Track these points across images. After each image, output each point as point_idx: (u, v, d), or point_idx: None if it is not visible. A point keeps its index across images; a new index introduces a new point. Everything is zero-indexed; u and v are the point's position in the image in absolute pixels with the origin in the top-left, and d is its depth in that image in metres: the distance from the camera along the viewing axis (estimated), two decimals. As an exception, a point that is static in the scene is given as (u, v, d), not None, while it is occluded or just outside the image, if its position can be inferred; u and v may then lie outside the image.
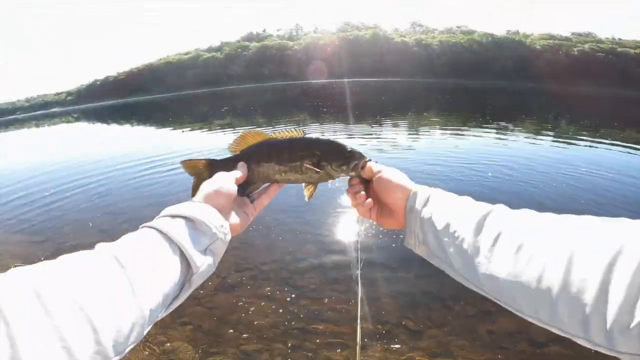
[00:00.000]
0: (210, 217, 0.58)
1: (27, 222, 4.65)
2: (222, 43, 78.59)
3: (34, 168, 8.09)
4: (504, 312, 2.41)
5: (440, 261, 0.59)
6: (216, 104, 26.51)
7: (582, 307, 0.36)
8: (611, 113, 16.56)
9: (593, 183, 5.06)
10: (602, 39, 54.71)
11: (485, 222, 0.52)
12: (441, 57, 59.61)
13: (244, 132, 0.78)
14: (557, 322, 0.39)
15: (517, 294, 0.44)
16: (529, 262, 0.43)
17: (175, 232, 0.52)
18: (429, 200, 0.63)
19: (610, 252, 0.36)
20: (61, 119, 34.95)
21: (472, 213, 0.55)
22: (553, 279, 0.39)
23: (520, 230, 0.47)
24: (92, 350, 0.36)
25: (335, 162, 0.75)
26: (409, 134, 9.75)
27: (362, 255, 3.24)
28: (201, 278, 0.54)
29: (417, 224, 0.63)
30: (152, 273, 0.47)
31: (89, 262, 0.44)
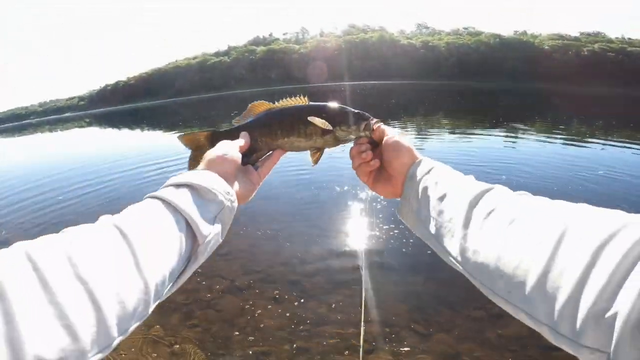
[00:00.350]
0: (215, 183, 0.55)
1: (42, 225, 4.76)
2: (229, 47, 79.46)
3: (48, 171, 8.27)
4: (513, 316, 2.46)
5: (427, 233, 0.58)
6: (225, 108, 26.77)
7: (559, 290, 0.34)
8: (625, 113, 16.25)
9: (608, 184, 4.99)
10: (612, 39, 53.87)
11: (482, 197, 0.51)
12: (448, 59, 59.32)
13: (251, 103, 0.78)
14: (528, 306, 0.38)
15: (495, 271, 0.42)
16: (516, 239, 0.41)
17: (179, 200, 0.49)
18: (431, 171, 0.62)
19: (602, 235, 0.34)
20: (74, 124, 35.64)
21: (471, 188, 0.53)
22: (537, 257, 0.37)
23: (516, 208, 0.45)
24: (94, 329, 0.33)
25: (343, 124, 0.73)
26: (420, 135, 9.71)
27: (372, 258, 3.24)
28: (208, 249, 0.51)
29: (413, 193, 0.62)
30: (156, 244, 0.44)
31: (90, 233, 0.41)
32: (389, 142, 0.69)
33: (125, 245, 0.41)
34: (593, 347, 0.31)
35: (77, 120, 43.14)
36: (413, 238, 3.58)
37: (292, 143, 0.76)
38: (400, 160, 0.66)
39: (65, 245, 0.37)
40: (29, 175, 8.13)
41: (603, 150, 7.66)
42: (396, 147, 0.68)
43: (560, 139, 8.95)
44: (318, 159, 0.77)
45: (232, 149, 0.65)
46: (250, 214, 4.47)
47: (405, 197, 0.64)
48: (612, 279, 0.30)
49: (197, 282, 3.01)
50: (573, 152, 7.44)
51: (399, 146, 0.68)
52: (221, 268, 3.25)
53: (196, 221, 0.49)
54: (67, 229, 0.41)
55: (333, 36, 74.76)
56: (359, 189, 4.98)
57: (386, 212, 4.15)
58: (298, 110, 0.76)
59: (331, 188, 5.17)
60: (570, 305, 0.33)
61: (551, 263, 0.36)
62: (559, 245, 0.36)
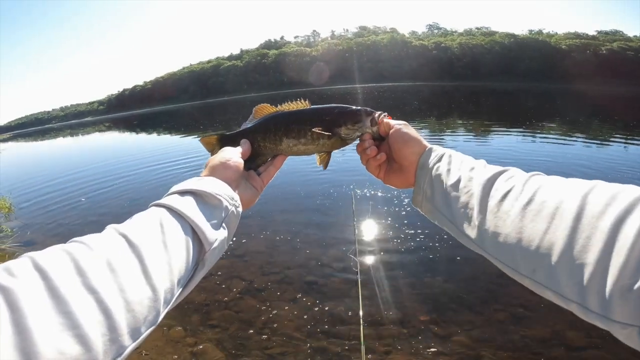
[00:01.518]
0: (219, 189, 0.56)
1: (65, 226, 4.93)
2: (242, 51, 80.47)
3: (72, 175, 8.56)
4: (537, 318, 2.37)
5: (444, 219, 0.57)
6: (239, 112, 27.08)
7: (584, 266, 0.34)
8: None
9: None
10: (631, 37, 52.28)
11: (497, 179, 0.51)
12: (462, 60, 58.52)
13: (256, 107, 0.78)
14: (554, 284, 0.37)
15: (517, 250, 0.42)
16: (535, 216, 0.41)
17: (184, 207, 0.50)
18: (442, 158, 0.62)
19: (622, 205, 0.33)
20: (94, 128, 36.67)
21: (485, 171, 0.53)
22: (558, 233, 0.37)
23: (532, 187, 0.45)
24: (106, 338, 0.33)
25: (348, 122, 0.71)
26: (444, 136, 9.61)
27: (389, 259, 3.24)
28: (215, 255, 0.52)
29: (426, 180, 0.62)
30: (163, 252, 0.44)
31: (97, 242, 0.40)
32: (396, 134, 0.69)
33: (133, 254, 0.41)
34: (623, 322, 0.30)
35: (97, 125, 44.43)
36: (431, 239, 3.56)
37: (296, 147, 0.74)
38: (409, 150, 0.66)
39: (73, 255, 0.37)
40: (51, 178, 8.41)
41: (626, 149, 7.45)
42: (404, 137, 0.68)
43: (581, 139, 8.72)
44: (327, 161, 0.75)
45: (234, 155, 0.66)
46: (269, 217, 4.52)
47: (419, 186, 0.64)
48: (632, 252, 0.30)
49: (216, 283, 3.07)
50: (595, 152, 7.24)
51: (407, 137, 0.68)
52: (240, 269, 3.30)
53: (202, 227, 0.49)
54: (74, 239, 0.40)
55: (344, 38, 74.84)
56: (375, 190, 4.97)
57: (404, 212, 4.13)
58: (300, 114, 0.74)
59: (349, 189, 5.17)
60: (596, 281, 0.32)
61: (573, 239, 0.35)
62: (578, 221, 0.36)
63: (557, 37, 57.49)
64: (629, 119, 12.49)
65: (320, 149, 0.74)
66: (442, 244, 3.45)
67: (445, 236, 3.56)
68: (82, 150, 17.56)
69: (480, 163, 0.58)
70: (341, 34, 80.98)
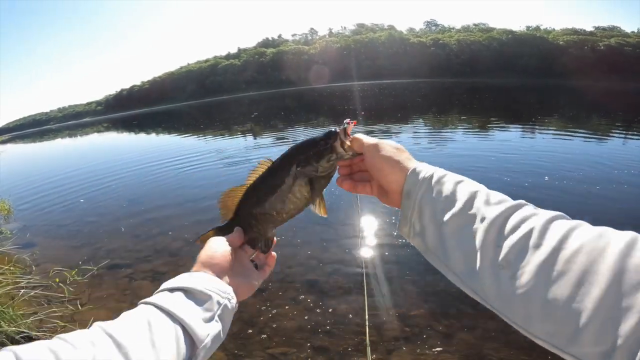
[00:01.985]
0: (208, 284, 0.55)
1: (65, 227, 4.91)
2: (240, 49, 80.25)
3: (70, 176, 8.54)
4: None
5: (438, 261, 0.51)
6: (237, 111, 27.05)
7: (615, 336, 0.31)
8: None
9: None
10: (629, 33, 52.37)
11: (509, 219, 0.44)
12: (460, 56, 58.52)
13: (221, 195, 0.72)
14: (575, 349, 0.34)
15: (533, 313, 0.38)
16: (559, 279, 0.36)
17: (173, 306, 0.49)
18: (431, 183, 0.53)
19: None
20: (92, 129, 36.58)
21: (492, 208, 0.46)
22: (587, 303, 0.33)
23: (554, 237, 0.39)
24: None
25: (318, 158, 0.63)
26: (441, 134, 9.61)
27: (389, 257, 3.23)
28: (209, 350, 0.50)
29: (414, 213, 0.54)
30: (151, 350, 0.43)
31: (82, 341, 0.40)
32: (369, 162, 0.61)
33: (119, 354, 0.40)
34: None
35: (95, 125, 44.30)
36: None
37: (286, 211, 0.68)
38: (388, 178, 0.58)
39: (57, 354, 0.36)
40: (50, 179, 8.39)
41: (624, 144, 7.47)
42: (377, 165, 0.59)
43: (580, 134, 8.71)
44: (324, 206, 0.68)
45: (220, 246, 0.63)
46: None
47: (405, 217, 0.56)
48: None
49: (216, 283, 3.05)
50: (594, 147, 7.25)
51: (380, 164, 0.59)
52: (239, 269, 3.28)
53: (191, 325, 0.48)
54: (59, 336, 0.40)
55: (342, 36, 74.71)
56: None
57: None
58: (269, 175, 0.67)
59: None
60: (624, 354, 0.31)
61: (607, 309, 0.32)
62: (614, 290, 0.33)
63: (555, 33, 57.49)
64: (627, 114, 12.49)
65: (306, 199, 0.67)
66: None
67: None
68: (80, 150, 17.51)
69: (482, 192, 0.50)
70: (339, 31, 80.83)
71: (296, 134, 11.81)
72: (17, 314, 2.52)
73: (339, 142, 0.62)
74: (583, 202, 4.25)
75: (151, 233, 4.35)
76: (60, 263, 3.70)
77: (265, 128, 14.99)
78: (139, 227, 4.61)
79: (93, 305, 2.92)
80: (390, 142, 0.61)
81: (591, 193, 4.48)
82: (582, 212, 3.92)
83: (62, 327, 2.62)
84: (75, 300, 2.98)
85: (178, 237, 4.14)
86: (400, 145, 0.61)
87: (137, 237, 4.31)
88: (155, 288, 0.55)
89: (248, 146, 10.07)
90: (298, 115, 19.54)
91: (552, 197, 4.36)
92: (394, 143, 0.61)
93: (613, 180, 4.88)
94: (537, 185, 4.78)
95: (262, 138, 11.91)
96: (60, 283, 3.22)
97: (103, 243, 4.21)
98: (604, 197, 4.38)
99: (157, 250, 3.88)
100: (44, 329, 2.58)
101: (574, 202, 4.23)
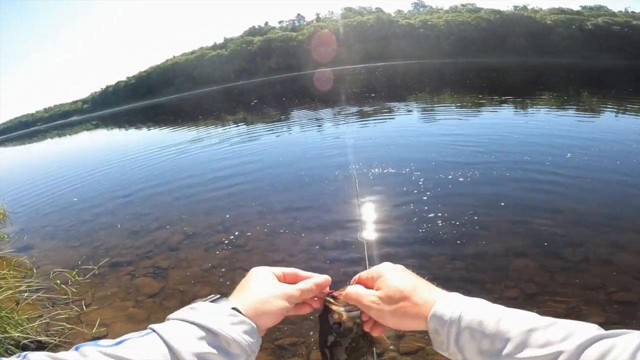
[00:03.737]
0: (246, 339, 0.46)
1: (62, 228, 4.85)
2: (226, 39, 78.60)
3: (62, 176, 8.39)
4: (550, 294, 2.35)
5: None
6: (229, 101, 26.60)
7: None
8: (636, 84, 15.82)
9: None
10: (616, 12, 52.43)
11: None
12: (449, 37, 58.02)
13: None
14: None
15: None
16: None
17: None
18: (460, 334, 0.44)
19: None
20: (81, 127, 35.77)
21: (570, 341, 0.37)
22: None
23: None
24: None
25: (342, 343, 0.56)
26: (438, 113, 9.57)
27: (391, 239, 3.23)
28: None
29: (450, 347, 0.45)
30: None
31: None
32: (378, 320, 0.54)
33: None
34: None
35: (84, 124, 43.36)
36: (435, 216, 3.57)
37: None
38: (404, 328, 0.51)
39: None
40: (42, 181, 8.24)
41: (617, 119, 7.55)
42: (389, 324, 0.52)
43: (572, 111, 8.77)
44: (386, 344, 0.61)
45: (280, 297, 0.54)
46: (266, 203, 4.49)
47: (440, 349, 0.48)
48: None
49: (219, 277, 3.04)
50: (586, 123, 7.31)
51: (392, 321, 0.51)
52: (242, 260, 3.28)
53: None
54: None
55: (330, 21, 73.45)
56: (373, 171, 4.97)
57: (406, 190, 4.14)
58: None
59: (346, 173, 5.15)
60: None
61: None
62: None
63: (542, 12, 57.14)
64: (618, 91, 12.57)
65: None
66: (447, 222, 3.45)
67: (448, 214, 3.58)
68: (70, 150, 17.20)
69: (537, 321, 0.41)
70: (326, 16, 79.32)
71: (299, 119, 11.68)
72: (22, 319, 2.49)
73: (333, 306, 0.58)
74: (582, 176, 4.28)
75: (149, 228, 4.32)
76: (60, 264, 3.67)
77: (261, 117, 14.80)
78: (136, 222, 4.57)
79: (98, 305, 2.90)
80: (391, 289, 0.52)
81: (591, 166, 4.54)
82: (582, 187, 3.98)
83: (70, 329, 2.60)
84: (79, 301, 2.96)
85: (176, 230, 4.12)
86: (400, 276, 0.54)
87: (135, 233, 4.27)
88: (158, 284, 0.53)
89: (240, 133, 9.93)
90: (296, 100, 19.16)
91: (548, 172, 4.39)
92: (394, 283, 0.52)
93: (609, 155, 4.94)
94: (536, 162, 4.81)
95: (256, 125, 11.74)
96: (62, 284, 3.20)
97: (101, 241, 4.18)
98: (601, 170, 4.42)
99: (156, 245, 3.85)
100: (52, 333, 2.56)
101: (573, 177, 4.26)
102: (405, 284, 0.52)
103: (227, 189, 5.27)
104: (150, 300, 2.87)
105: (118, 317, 2.70)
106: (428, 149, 5.98)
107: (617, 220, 3.24)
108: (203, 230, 4.03)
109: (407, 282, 0.52)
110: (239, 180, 5.56)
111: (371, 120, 9.71)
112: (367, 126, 9.02)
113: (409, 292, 0.50)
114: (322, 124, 10.40)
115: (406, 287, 0.51)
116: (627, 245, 2.85)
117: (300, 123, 11.25)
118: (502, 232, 3.20)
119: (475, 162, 5.04)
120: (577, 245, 2.89)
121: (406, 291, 0.50)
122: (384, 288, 0.53)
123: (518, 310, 0.44)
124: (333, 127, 9.87)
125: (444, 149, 5.83)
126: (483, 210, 3.62)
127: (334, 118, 11.31)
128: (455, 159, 5.22)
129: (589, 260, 2.71)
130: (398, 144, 6.50)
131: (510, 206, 3.67)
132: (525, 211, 3.54)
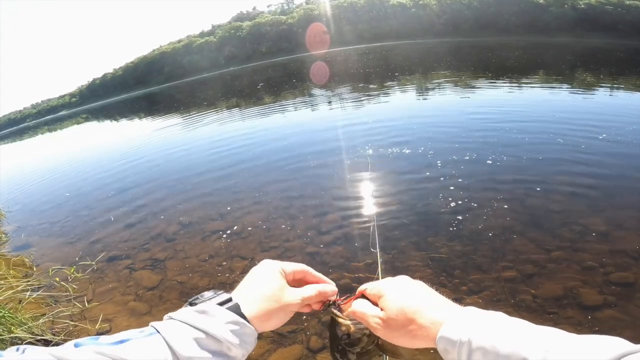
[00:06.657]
0: (249, 340, 0.48)
1: (57, 224, 4.83)
2: (214, 26, 76.72)
3: (55, 172, 8.30)
4: (547, 275, 2.36)
5: None
6: (222, 88, 26.09)
7: None
8: (629, 63, 15.74)
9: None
10: (609, -8, 51.83)
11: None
12: (441, 17, 57.13)
13: None
14: None
15: None
16: None
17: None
18: (472, 353, 0.41)
19: None
20: (71, 121, 35.10)
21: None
22: None
23: None
24: None
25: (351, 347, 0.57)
26: (429, 91, 9.50)
27: (387, 220, 3.24)
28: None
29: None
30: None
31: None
32: (382, 336, 0.53)
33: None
34: None
35: (74, 117, 42.56)
36: (429, 195, 3.57)
37: None
38: (414, 346, 0.49)
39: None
40: (35, 177, 8.15)
41: (611, 97, 7.55)
42: (392, 339, 0.51)
43: (566, 88, 8.75)
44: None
45: (290, 297, 0.55)
46: (260, 187, 4.48)
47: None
48: None
49: (216, 266, 3.05)
50: (580, 100, 7.31)
51: (394, 338, 0.50)
52: (238, 248, 3.28)
53: None
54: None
55: (319, 3, 71.70)
56: (367, 150, 4.95)
57: (396, 169, 4.15)
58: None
59: (339, 153, 5.14)
60: None
61: None
62: None
63: (534, -9, 56.28)
64: (611, 69, 12.53)
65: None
66: (441, 201, 3.47)
67: (441, 194, 3.59)
68: (61, 145, 16.92)
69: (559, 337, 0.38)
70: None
71: (293, 103, 11.54)
72: (26, 318, 2.50)
73: (340, 324, 0.58)
74: (579, 151, 4.31)
75: (144, 220, 4.31)
76: (59, 261, 3.68)
77: (255, 101, 14.59)
78: (131, 215, 4.55)
79: (99, 300, 2.92)
80: (393, 312, 0.50)
81: (587, 144, 4.56)
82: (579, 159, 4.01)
83: (74, 326, 2.62)
84: (81, 298, 2.98)
85: (172, 220, 4.11)
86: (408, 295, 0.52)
87: (130, 225, 4.26)
88: (156, 277, 0.54)
89: (233, 118, 9.81)
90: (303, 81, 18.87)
91: (543, 148, 4.41)
92: (396, 305, 0.51)
93: (605, 132, 4.96)
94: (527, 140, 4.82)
95: (251, 109, 11.59)
96: (62, 282, 3.21)
97: (97, 236, 4.17)
98: (597, 147, 4.45)
99: (152, 237, 3.85)
100: (57, 330, 2.58)
101: (569, 154, 4.28)
102: (409, 303, 0.49)
103: (223, 176, 5.25)
104: (150, 293, 2.88)
105: (120, 312, 2.72)
106: (424, 130, 5.94)
107: (614, 198, 3.22)
108: (199, 219, 4.02)
109: (410, 302, 0.50)
110: (234, 167, 5.54)
111: (365, 103, 9.61)
112: (360, 108, 8.94)
113: (412, 313, 0.48)
114: (317, 107, 10.28)
115: (410, 307, 0.49)
116: (624, 223, 2.82)
117: (294, 105, 11.14)
118: (497, 211, 3.21)
119: (469, 142, 5.04)
120: (573, 223, 2.89)
121: (410, 313, 0.48)
122: (386, 310, 0.51)
123: (535, 326, 0.42)
124: (328, 110, 9.75)
125: (441, 129, 5.81)
126: (477, 189, 3.63)
127: (328, 100, 11.19)
128: (451, 140, 5.21)
129: (585, 239, 2.69)
130: (392, 126, 6.45)
131: (505, 184, 3.68)
132: (520, 189, 3.54)
